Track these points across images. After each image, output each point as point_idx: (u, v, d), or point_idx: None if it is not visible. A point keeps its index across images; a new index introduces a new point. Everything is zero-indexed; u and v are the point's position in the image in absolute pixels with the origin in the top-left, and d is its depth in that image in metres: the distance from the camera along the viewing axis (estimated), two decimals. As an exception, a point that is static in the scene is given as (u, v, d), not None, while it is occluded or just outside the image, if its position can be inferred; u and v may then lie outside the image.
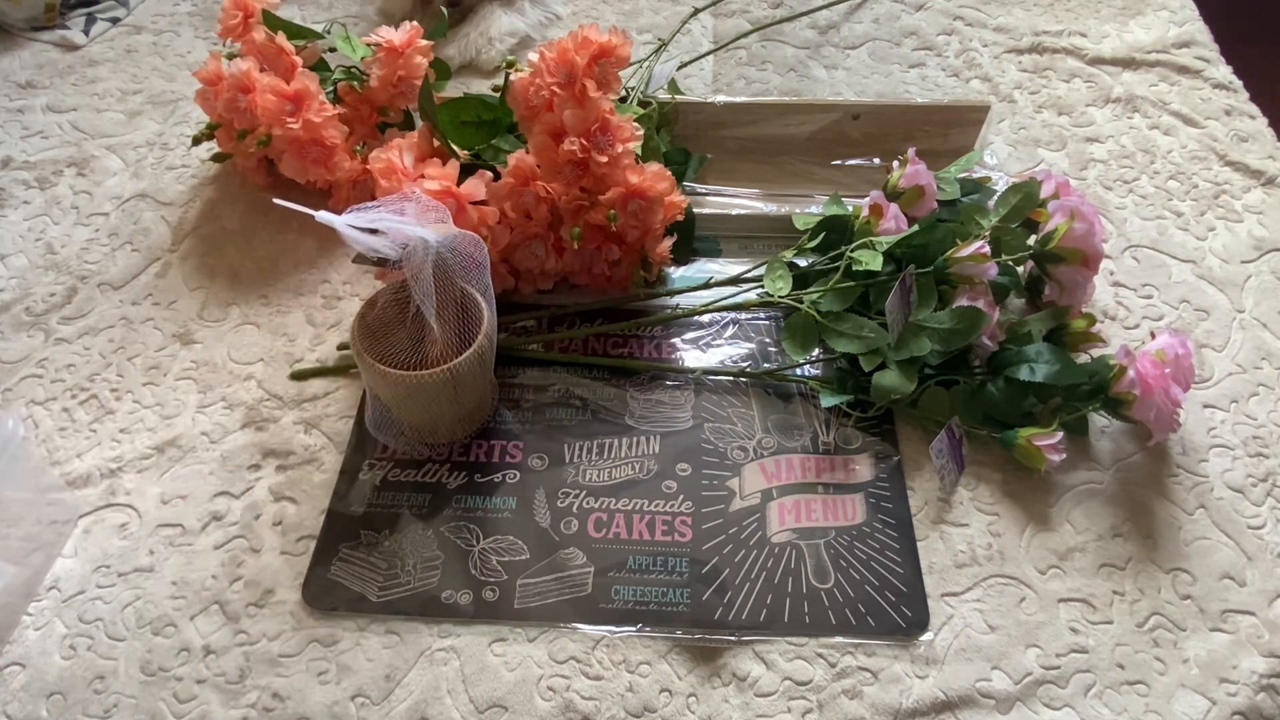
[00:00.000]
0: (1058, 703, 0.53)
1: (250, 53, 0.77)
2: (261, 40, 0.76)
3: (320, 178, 0.75)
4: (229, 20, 0.78)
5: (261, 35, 0.77)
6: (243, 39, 0.78)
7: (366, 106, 0.79)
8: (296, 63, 0.76)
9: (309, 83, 0.73)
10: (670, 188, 0.67)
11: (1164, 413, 0.59)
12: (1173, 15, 0.98)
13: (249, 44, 0.77)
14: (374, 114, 0.79)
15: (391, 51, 0.75)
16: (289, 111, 0.73)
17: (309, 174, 0.75)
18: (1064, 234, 0.64)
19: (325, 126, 0.73)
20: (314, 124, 0.72)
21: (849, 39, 0.97)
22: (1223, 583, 0.58)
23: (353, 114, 0.78)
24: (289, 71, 0.75)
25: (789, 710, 0.52)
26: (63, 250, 0.79)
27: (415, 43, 0.75)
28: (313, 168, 0.75)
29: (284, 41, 0.76)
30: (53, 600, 0.58)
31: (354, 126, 0.78)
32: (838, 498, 0.61)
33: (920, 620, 0.56)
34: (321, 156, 0.74)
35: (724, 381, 0.68)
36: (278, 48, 0.76)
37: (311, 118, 0.72)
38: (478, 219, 0.64)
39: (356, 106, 0.78)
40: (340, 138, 0.74)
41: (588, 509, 0.61)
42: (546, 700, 0.53)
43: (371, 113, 0.79)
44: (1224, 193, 0.80)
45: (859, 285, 0.64)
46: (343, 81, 0.78)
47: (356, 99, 0.78)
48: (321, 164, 0.75)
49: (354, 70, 0.79)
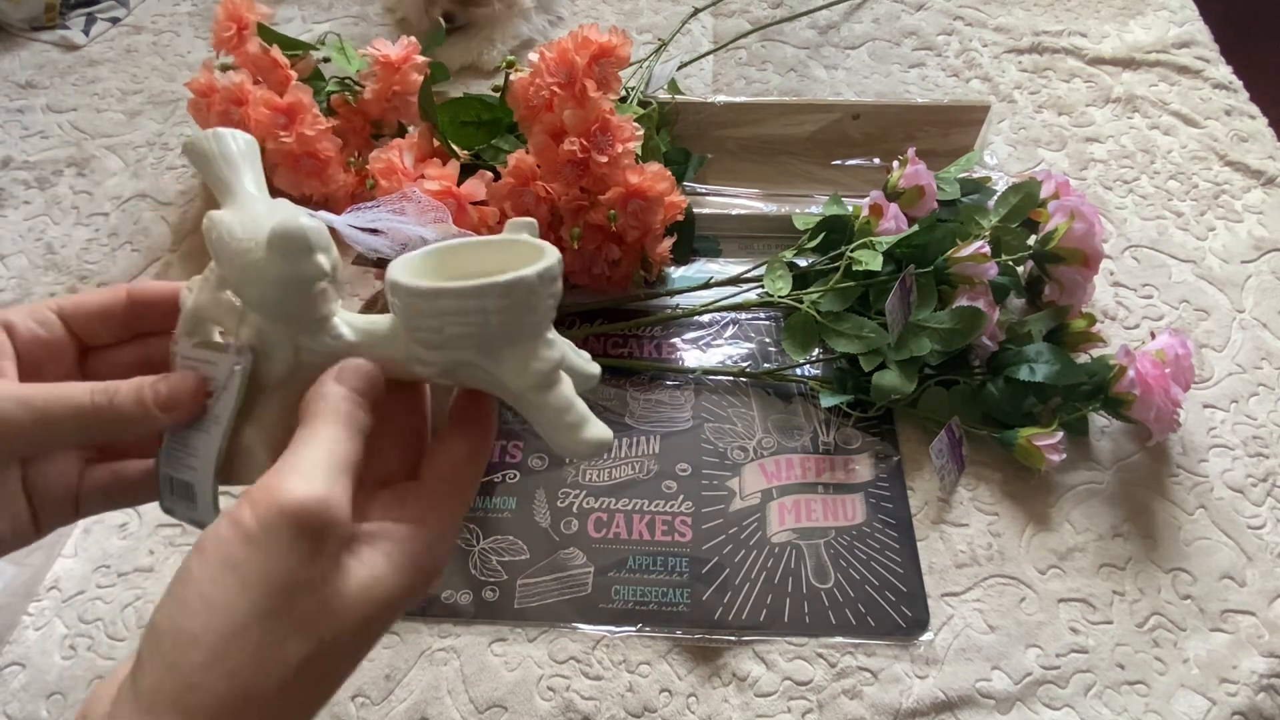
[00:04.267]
0: (1058, 703, 0.53)
1: (244, 64, 0.76)
2: (255, 52, 0.76)
3: (315, 190, 0.75)
4: (223, 32, 0.77)
5: (255, 47, 0.76)
6: (236, 51, 0.77)
7: (360, 119, 0.78)
8: (291, 76, 0.75)
9: (303, 96, 0.72)
10: (670, 188, 0.67)
11: (1164, 413, 0.59)
12: (1173, 15, 0.98)
13: (243, 55, 0.76)
14: (368, 126, 0.79)
15: (387, 66, 0.74)
16: (282, 125, 0.72)
17: (303, 187, 0.74)
18: (1064, 234, 0.64)
19: (319, 140, 0.73)
20: (307, 137, 0.72)
21: (849, 39, 0.97)
22: (1223, 583, 0.58)
23: (346, 126, 0.77)
24: (283, 84, 0.74)
25: (789, 710, 0.52)
26: (63, 250, 0.79)
27: (412, 58, 0.75)
28: (307, 181, 0.74)
29: (278, 54, 0.75)
30: (53, 600, 0.58)
31: (348, 139, 0.77)
32: (838, 498, 0.61)
33: (920, 620, 0.56)
34: (315, 169, 0.74)
35: (724, 381, 0.68)
36: (272, 60, 0.75)
37: (305, 131, 0.72)
38: (478, 219, 0.64)
39: (350, 119, 0.77)
40: (334, 150, 0.74)
41: (588, 509, 0.61)
42: (546, 700, 0.53)
43: (365, 125, 0.78)
44: (1224, 193, 0.80)
45: (859, 285, 0.64)
46: (336, 95, 0.77)
47: (350, 111, 0.77)
48: (316, 176, 0.74)
49: (348, 82, 0.78)
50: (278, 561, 0.25)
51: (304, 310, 0.30)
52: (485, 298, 0.28)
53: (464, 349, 0.29)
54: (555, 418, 0.29)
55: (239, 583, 0.25)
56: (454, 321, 0.28)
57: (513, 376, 0.29)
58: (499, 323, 0.28)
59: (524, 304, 0.28)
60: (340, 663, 0.27)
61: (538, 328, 0.30)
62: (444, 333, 0.29)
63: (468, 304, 0.28)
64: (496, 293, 0.28)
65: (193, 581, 0.25)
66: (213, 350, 0.31)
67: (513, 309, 0.28)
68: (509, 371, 0.29)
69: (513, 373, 0.29)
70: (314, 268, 0.29)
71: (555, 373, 0.30)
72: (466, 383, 0.31)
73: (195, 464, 0.31)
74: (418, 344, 0.30)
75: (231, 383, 0.30)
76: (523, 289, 0.28)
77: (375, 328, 0.31)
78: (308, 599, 0.25)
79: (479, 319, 0.28)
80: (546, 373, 0.29)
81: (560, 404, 0.29)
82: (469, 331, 0.29)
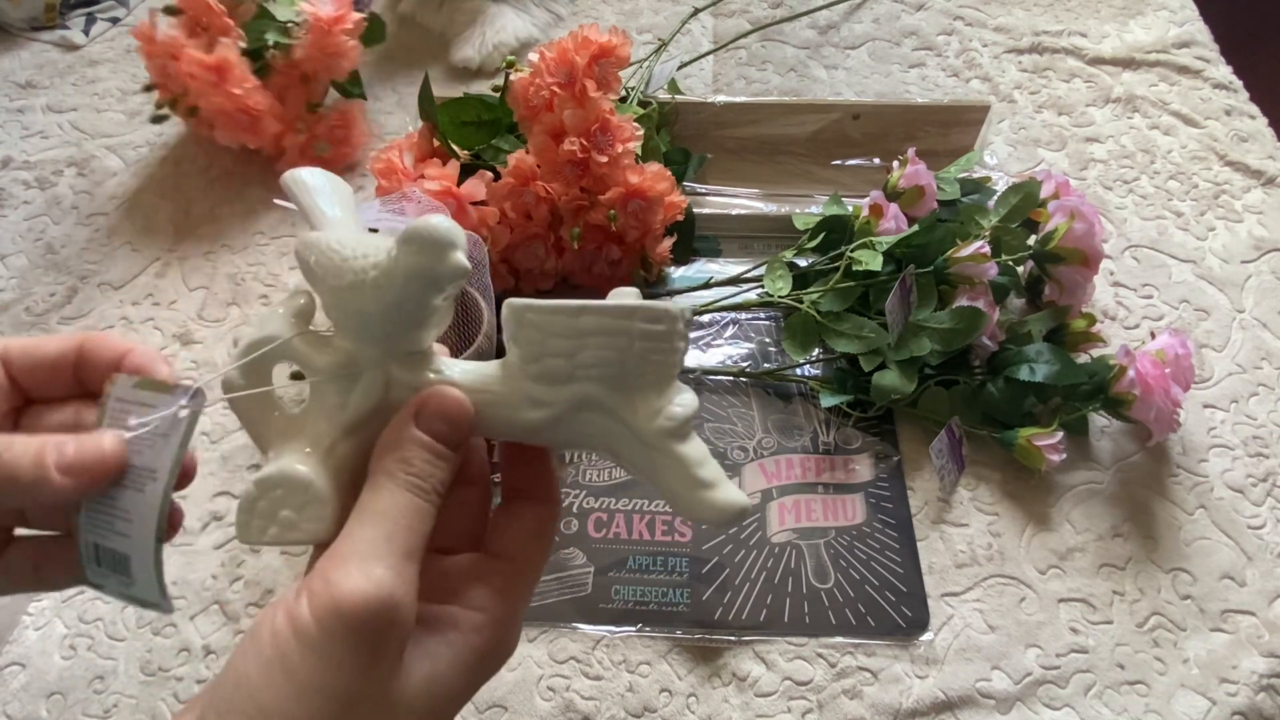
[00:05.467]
0: (1058, 703, 0.53)
1: (185, 6, 0.77)
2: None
3: (255, 143, 0.79)
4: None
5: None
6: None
7: (294, 73, 0.80)
8: (228, 25, 0.76)
9: (229, 54, 0.74)
10: (670, 188, 0.67)
11: (1164, 413, 0.59)
12: (1173, 15, 0.98)
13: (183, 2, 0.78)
14: (301, 82, 0.80)
15: (318, 25, 0.77)
16: (213, 82, 0.74)
17: (241, 139, 0.78)
18: (1064, 234, 0.64)
19: (248, 98, 0.75)
20: (236, 95, 0.74)
21: (849, 39, 0.97)
22: (1223, 583, 0.58)
23: (282, 80, 0.79)
24: (222, 32, 0.76)
25: (789, 710, 0.52)
26: (63, 250, 0.79)
27: (345, 20, 0.77)
28: (244, 134, 0.78)
29: (214, 1, 0.76)
30: (53, 600, 0.58)
31: (284, 96, 0.79)
32: (838, 498, 0.61)
33: (920, 620, 0.56)
34: (249, 124, 0.77)
35: (724, 381, 0.68)
36: (206, 5, 0.76)
37: (233, 89, 0.74)
38: (478, 219, 0.64)
39: (286, 73, 0.79)
40: (266, 102, 0.76)
41: (588, 509, 0.61)
42: (546, 700, 0.53)
43: (299, 80, 0.80)
44: (1224, 193, 0.80)
45: (859, 285, 0.64)
46: (271, 50, 0.78)
47: (286, 64, 0.79)
48: (250, 131, 0.77)
49: (286, 28, 0.79)
50: (336, 672, 0.23)
51: (412, 327, 0.28)
52: (633, 319, 0.26)
53: (595, 382, 0.27)
54: (688, 472, 0.26)
55: (297, 692, 0.23)
56: (594, 344, 0.26)
57: (645, 420, 0.26)
58: (640, 352, 0.26)
59: (666, 338, 0.26)
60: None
61: (672, 373, 0.27)
62: (578, 358, 0.27)
63: (613, 324, 0.26)
64: (643, 315, 0.26)
65: (247, 684, 0.23)
66: (157, 391, 0.27)
67: (656, 339, 0.26)
68: (641, 415, 0.27)
69: (645, 416, 0.26)
70: (453, 264, 0.26)
71: (691, 423, 0.27)
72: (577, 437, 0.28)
73: (129, 530, 0.26)
74: (539, 380, 0.27)
75: (176, 431, 0.26)
76: (670, 319, 0.26)
77: (481, 368, 0.29)
78: (368, 706, 0.24)
79: (622, 343, 0.26)
80: (684, 419, 0.27)
81: (695, 457, 0.27)
82: (608, 357, 0.26)
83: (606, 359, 0.26)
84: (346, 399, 0.28)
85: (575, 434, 0.28)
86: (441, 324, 0.29)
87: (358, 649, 0.23)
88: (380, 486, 0.26)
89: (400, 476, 0.26)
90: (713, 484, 0.26)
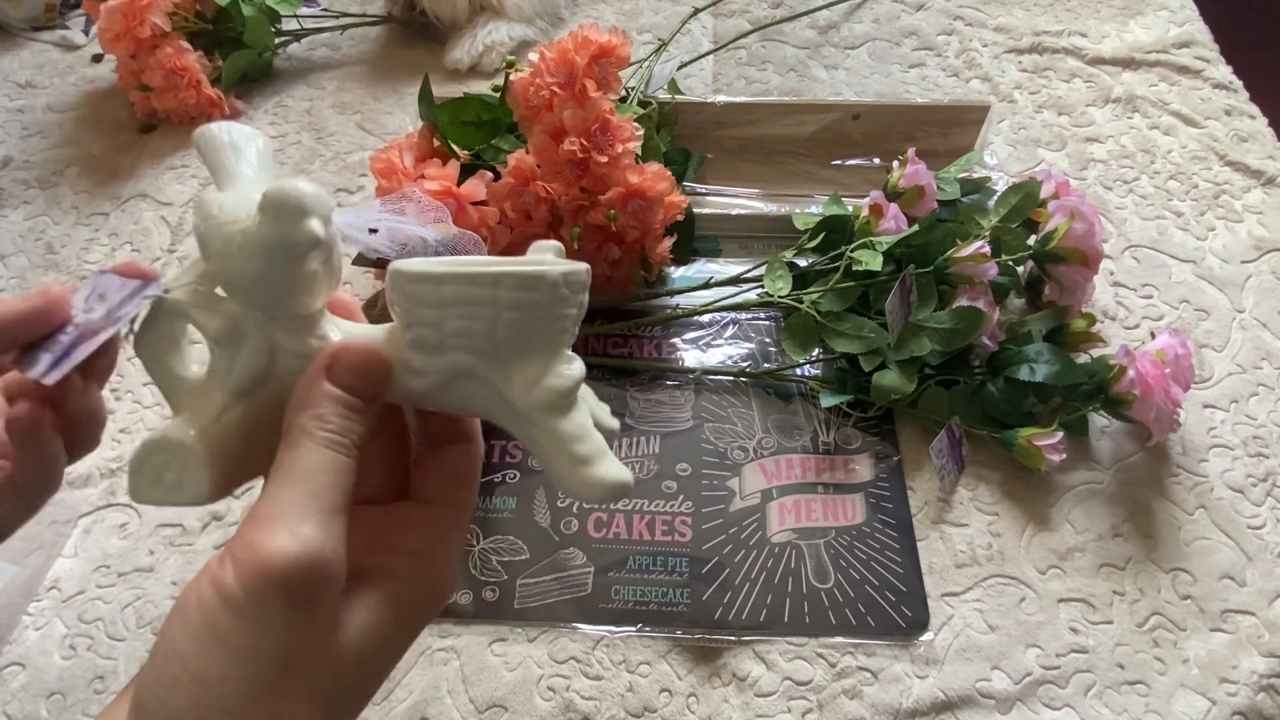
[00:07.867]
0: (1058, 703, 0.53)
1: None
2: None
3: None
4: None
5: None
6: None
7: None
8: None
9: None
10: (670, 188, 0.67)
11: (1164, 413, 0.59)
12: (1173, 15, 0.98)
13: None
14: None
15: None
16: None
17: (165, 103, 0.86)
18: (1064, 234, 0.64)
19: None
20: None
21: (849, 39, 0.97)
22: (1223, 583, 0.58)
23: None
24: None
25: (789, 710, 0.52)
26: (63, 250, 0.79)
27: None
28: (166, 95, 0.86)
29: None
30: (53, 600, 0.58)
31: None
32: (838, 498, 0.61)
33: (920, 620, 0.56)
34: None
35: (724, 381, 0.68)
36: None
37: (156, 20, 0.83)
38: (478, 219, 0.64)
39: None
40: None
41: (588, 509, 0.61)
42: (546, 700, 0.53)
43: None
44: (1224, 193, 0.80)
45: (859, 285, 0.64)
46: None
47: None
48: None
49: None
50: (270, 633, 0.23)
51: (289, 293, 0.26)
52: (498, 287, 0.24)
53: (465, 352, 0.26)
54: (565, 447, 0.25)
55: (229, 656, 0.22)
56: (457, 314, 0.25)
57: (520, 393, 0.25)
58: (510, 322, 0.25)
59: (542, 306, 0.25)
60: (352, 706, 0.25)
61: (556, 342, 0.26)
62: (444, 328, 0.25)
63: (476, 293, 0.25)
64: (510, 283, 0.24)
65: (177, 655, 0.23)
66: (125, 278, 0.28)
67: (528, 308, 0.25)
68: (516, 386, 0.25)
69: (521, 388, 0.25)
70: (306, 233, 0.25)
71: (572, 395, 0.26)
72: (462, 405, 0.27)
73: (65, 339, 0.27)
74: (414, 348, 0.26)
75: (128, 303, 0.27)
76: (543, 285, 0.24)
77: (368, 333, 0.28)
78: (307, 664, 0.23)
79: (487, 313, 0.25)
80: (562, 391, 0.25)
81: (573, 432, 0.25)
82: (472, 327, 0.25)
83: (471, 329, 0.25)
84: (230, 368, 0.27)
85: (459, 402, 0.27)
86: (326, 287, 0.28)
87: (290, 609, 0.23)
88: (298, 445, 0.25)
89: (318, 434, 0.25)
90: (590, 460, 0.25)
